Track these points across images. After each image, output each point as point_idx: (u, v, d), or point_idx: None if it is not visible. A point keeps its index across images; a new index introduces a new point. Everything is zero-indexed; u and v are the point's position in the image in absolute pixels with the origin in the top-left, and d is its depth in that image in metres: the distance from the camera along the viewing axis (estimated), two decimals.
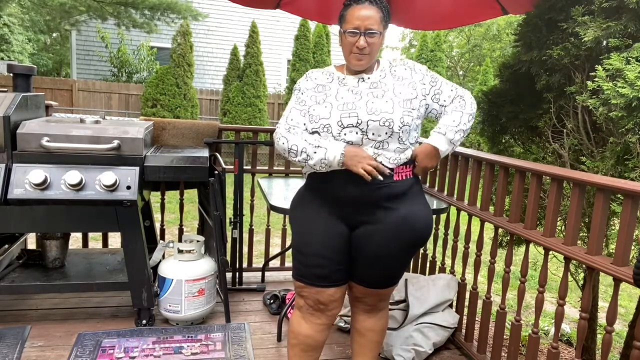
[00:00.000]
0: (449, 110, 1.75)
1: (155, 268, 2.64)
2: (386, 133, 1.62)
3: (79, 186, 2.25)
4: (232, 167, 3.01)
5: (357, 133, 1.62)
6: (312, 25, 11.35)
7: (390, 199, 1.66)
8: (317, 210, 1.72)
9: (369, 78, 1.70)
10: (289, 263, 3.56)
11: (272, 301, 2.88)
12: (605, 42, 2.22)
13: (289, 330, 1.85)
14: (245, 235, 3.23)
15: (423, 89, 1.71)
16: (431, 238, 1.98)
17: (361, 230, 1.70)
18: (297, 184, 2.90)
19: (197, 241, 2.68)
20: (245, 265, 3.27)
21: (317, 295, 1.73)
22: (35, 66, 2.62)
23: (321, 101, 1.68)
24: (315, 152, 1.60)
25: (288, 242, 3.33)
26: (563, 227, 2.60)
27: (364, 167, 1.58)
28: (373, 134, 1.62)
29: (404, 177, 1.69)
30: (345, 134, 1.62)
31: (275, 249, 4.19)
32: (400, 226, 1.67)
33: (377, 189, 1.64)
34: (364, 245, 1.70)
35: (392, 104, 1.63)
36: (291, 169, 3.29)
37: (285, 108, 1.77)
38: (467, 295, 2.57)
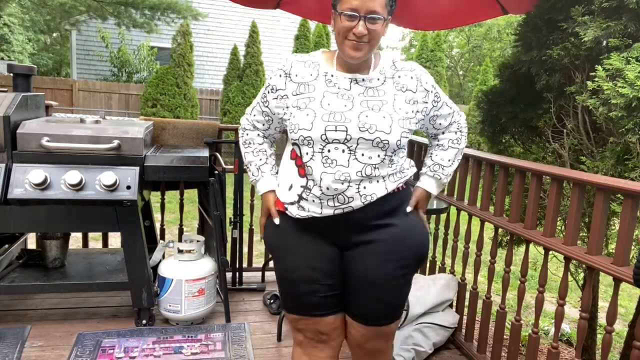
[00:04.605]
0: (444, 143, 1.56)
1: (155, 268, 2.64)
2: (378, 156, 1.37)
3: (79, 186, 2.24)
4: (232, 167, 3.01)
5: (343, 151, 1.35)
6: (312, 25, 11.35)
7: (383, 215, 1.44)
8: (300, 233, 1.48)
9: (363, 80, 1.42)
10: None
11: (272, 301, 2.88)
12: (605, 42, 2.22)
13: None
14: (245, 235, 3.23)
15: (425, 108, 1.47)
16: (431, 238, 1.97)
17: (353, 252, 1.47)
18: None
19: (197, 241, 2.68)
20: (245, 265, 3.26)
21: (316, 326, 1.51)
22: (35, 66, 2.62)
23: (302, 106, 1.39)
24: (252, 175, 1.59)
25: None
26: (563, 227, 2.60)
27: (260, 222, 1.58)
28: (363, 154, 1.36)
29: (396, 190, 1.45)
30: (329, 151, 1.35)
31: None
32: (397, 243, 1.44)
33: (366, 207, 1.40)
34: (358, 269, 1.46)
35: (390, 122, 1.36)
36: None
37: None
38: (467, 295, 2.57)
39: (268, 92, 1.49)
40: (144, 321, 2.54)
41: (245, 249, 3.22)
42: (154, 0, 11.59)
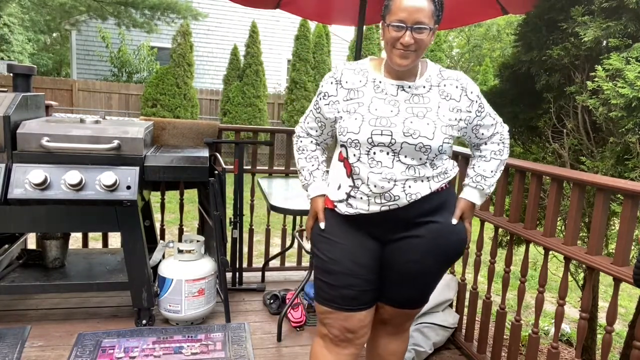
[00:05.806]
0: (486, 154, 1.61)
1: (155, 268, 2.64)
2: (420, 159, 1.45)
3: (79, 186, 2.24)
4: (232, 167, 3.01)
5: (388, 154, 1.44)
6: (312, 25, 11.35)
7: (427, 213, 1.52)
8: (346, 228, 1.56)
9: (409, 87, 1.48)
10: (289, 263, 3.56)
11: (272, 301, 2.88)
12: (605, 42, 2.23)
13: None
14: (245, 235, 3.23)
15: (468, 117, 1.52)
16: None
17: (394, 245, 1.55)
18: (297, 184, 2.90)
19: (197, 241, 2.68)
20: (245, 265, 3.27)
21: (344, 322, 1.56)
22: (35, 66, 2.62)
23: (352, 111, 1.48)
24: (305, 179, 1.67)
25: (288, 242, 3.33)
26: (563, 227, 2.60)
27: (308, 224, 1.65)
28: (406, 156, 1.44)
29: (439, 190, 1.53)
30: (374, 153, 1.44)
31: (275, 249, 4.19)
32: (437, 239, 1.53)
33: (411, 204, 1.48)
34: (397, 263, 1.56)
35: (433, 128, 1.43)
36: (291, 169, 3.29)
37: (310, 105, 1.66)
38: (467, 295, 2.57)
39: (320, 99, 1.58)
40: (144, 321, 2.54)
41: (245, 249, 3.22)
42: (154, 0, 11.60)
